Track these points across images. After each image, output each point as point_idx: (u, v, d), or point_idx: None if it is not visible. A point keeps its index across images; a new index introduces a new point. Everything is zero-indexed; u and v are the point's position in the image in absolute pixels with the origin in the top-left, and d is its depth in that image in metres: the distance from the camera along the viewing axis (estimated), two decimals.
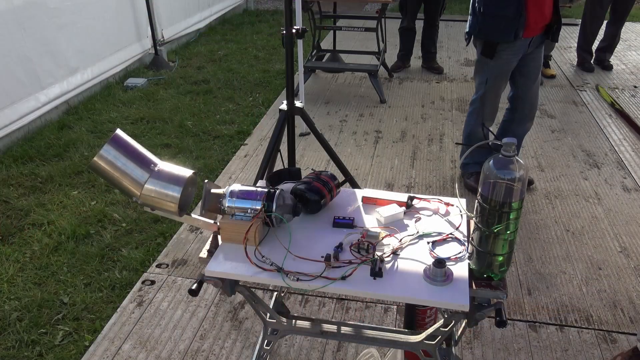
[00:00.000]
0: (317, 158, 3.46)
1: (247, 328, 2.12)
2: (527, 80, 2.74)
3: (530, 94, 2.79)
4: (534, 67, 2.72)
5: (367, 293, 1.26)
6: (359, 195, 1.65)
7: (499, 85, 2.74)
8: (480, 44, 2.67)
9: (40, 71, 3.79)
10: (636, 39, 6.13)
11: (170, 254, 2.56)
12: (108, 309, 2.23)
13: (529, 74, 2.72)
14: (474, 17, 2.61)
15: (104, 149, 1.32)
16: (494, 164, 1.16)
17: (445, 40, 6.07)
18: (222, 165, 3.37)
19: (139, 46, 5.09)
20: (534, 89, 2.78)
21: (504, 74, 2.70)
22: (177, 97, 4.45)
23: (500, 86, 2.75)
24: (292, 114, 2.41)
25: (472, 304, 1.26)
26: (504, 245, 1.23)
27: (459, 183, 3.17)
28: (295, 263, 1.34)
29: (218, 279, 1.36)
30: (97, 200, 2.97)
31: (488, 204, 1.19)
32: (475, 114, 2.89)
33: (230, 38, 6.26)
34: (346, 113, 4.18)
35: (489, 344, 2.04)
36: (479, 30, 2.61)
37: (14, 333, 2.11)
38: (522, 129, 2.92)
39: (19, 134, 3.64)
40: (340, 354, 2.00)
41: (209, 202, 1.46)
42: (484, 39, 2.62)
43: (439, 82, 4.83)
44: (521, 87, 2.77)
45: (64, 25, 4.01)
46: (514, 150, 1.14)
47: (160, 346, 2.04)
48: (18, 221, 2.79)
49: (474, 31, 2.63)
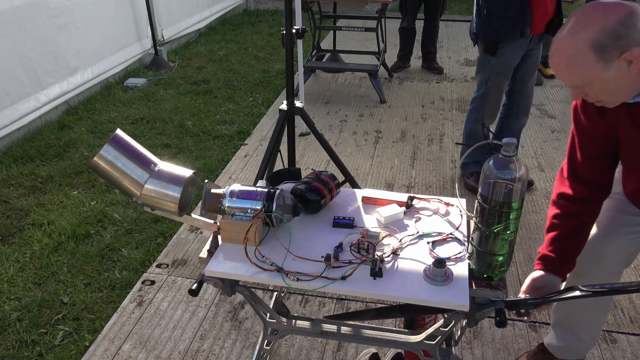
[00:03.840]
0: (317, 158, 3.46)
1: (247, 328, 2.12)
2: (524, 76, 2.77)
3: (526, 89, 2.82)
4: (531, 63, 2.75)
5: (367, 293, 1.26)
6: (359, 195, 1.65)
7: (501, 82, 2.75)
8: (482, 42, 2.69)
9: (40, 71, 3.79)
10: None
11: (170, 254, 2.56)
12: (108, 309, 2.23)
13: (527, 70, 2.75)
14: (480, 19, 2.62)
15: (104, 149, 1.32)
16: (494, 164, 1.16)
17: (445, 40, 6.07)
18: (222, 165, 3.37)
19: (139, 46, 5.09)
20: (530, 84, 2.82)
21: (507, 72, 2.71)
22: (177, 97, 4.45)
23: (502, 84, 2.76)
24: (292, 114, 2.41)
25: (472, 304, 1.26)
26: (504, 245, 1.23)
27: (459, 183, 3.17)
28: (295, 263, 1.34)
29: (218, 279, 1.36)
30: (97, 200, 2.97)
31: (488, 204, 1.19)
32: (475, 112, 2.90)
33: (230, 38, 6.26)
34: (346, 113, 4.18)
35: (489, 344, 2.04)
36: (485, 32, 2.62)
37: (14, 333, 2.11)
38: (519, 125, 2.94)
39: (19, 134, 3.64)
40: (340, 354, 2.00)
41: (209, 202, 1.46)
42: (490, 39, 2.63)
43: (439, 82, 4.83)
44: (518, 82, 2.79)
45: (64, 25, 4.01)
46: (514, 150, 1.15)
47: (160, 346, 2.04)
48: (18, 221, 2.79)
49: (481, 32, 2.65)
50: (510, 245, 1.24)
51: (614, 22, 1.17)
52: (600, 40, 1.19)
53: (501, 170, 1.15)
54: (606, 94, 1.28)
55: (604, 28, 1.18)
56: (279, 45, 5.91)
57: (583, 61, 1.22)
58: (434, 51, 5.09)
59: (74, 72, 4.16)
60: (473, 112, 2.92)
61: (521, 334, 2.08)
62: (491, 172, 1.17)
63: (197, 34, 6.22)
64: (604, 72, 1.22)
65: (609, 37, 1.18)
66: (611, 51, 1.19)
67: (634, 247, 1.56)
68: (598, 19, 1.19)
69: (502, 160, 1.15)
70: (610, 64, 1.20)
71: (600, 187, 1.53)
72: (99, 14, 4.42)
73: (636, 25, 1.17)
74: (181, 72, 5.09)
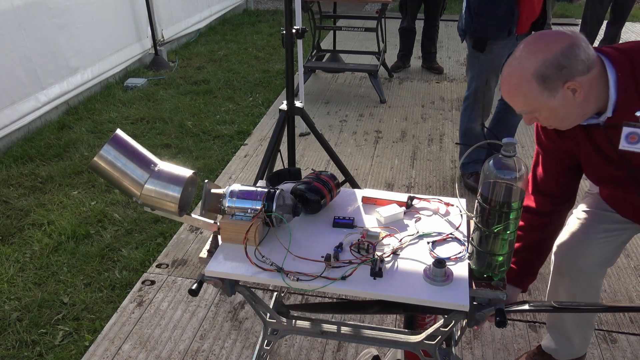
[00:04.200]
0: (317, 158, 3.46)
1: (247, 328, 2.12)
2: None
3: None
4: None
5: (367, 293, 1.26)
6: (359, 195, 1.65)
7: (491, 79, 2.77)
8: (471, 39, 2.71)
9: (40, 71, 3.79)
10: (636, 39, 6.12)
11: (170, 254, 2.56)
12: (108, 309, 2.23)
13: None
14: (469, 16, 2.65)
15: (104, 149, 1.32)
16: (494, 164, 1.16)
17: (445, 40, 6.07)
18: (222, 165, 3.37)
19: (139, 46, 5.09)
20: None
21: (496, 68, 2.73)
22: (177, 97, 4.45)
23: (492, 80, 2.78)
24: (292, 114, 2.41)
25: (472, 304, 1.26)
26: (504, 245, 1.23)
27: (459, 183, 3.17)
28: (295, 263, 1.34)
29: (218, 279, 1.36)
30: (97, 200, 2.97)
31: (488, 204, 1.19)
32: (469, 111, 2.91)
33: (230, 38, 6.26)
34: (346, 113, 4.18)
35: (489, 344, 2.04)
36: (473, 29, 2.65)
37: (14, 333, 2.11)
38: (517, 119, 2.94)
39: (19, 134, 3.64)
40: (340, 354, 2.00)
41: (209, 202, 1.46)
42: (478, 36, 2.65)
43: (439, 82, 4.83)
44: None
45: (64, 25, 4.01)
46: (514, 150, 1.15)
47: (160, 346, 2.04)
48: (18, 221, 2.79)
49: (469, 30, 2.67)
50: (510, 245, 1.24)
51: (555, 53, 1.20)
52: (542, 71, 1.22)
53: (501, 170, 1.15)
54: (555, 121, 1.32)
55: (546, 59, 1.21)
56: (279, 45, 5.91)
57: (528, 90, 1.25)
58: (434, 51, 5.09)
59: (74, 72, 4.16)
60: (467, 110, 2.93)
61: (521, 334, 2.08)
62: (491, 172, 1.17)
63: (197, 34, 6.22)
64: (549, 101, 1.25)
65: (550, 68, 1.21)
66: (554, 81, 1.22)
67: (614, 244, 1.58)
68: (540, 50, 1.22)
69: (502, 160, 1.15)
70: (555, 93, 1.24)
71: (563, 200, 1.58)
72: (99, 14, 4.42)
73: (578, 56, 1.20)
74: (181, 72, 5.09)
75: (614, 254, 1.60)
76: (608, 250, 1.58)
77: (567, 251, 1.60)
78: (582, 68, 1.21)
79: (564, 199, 1.58)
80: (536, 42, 1.24)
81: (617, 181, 1.41)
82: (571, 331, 1.77)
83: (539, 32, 1.27)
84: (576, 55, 1.20)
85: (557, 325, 1.80)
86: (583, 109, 1.27)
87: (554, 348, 1.84)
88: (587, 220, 1.60)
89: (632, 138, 1.26)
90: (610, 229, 1.56)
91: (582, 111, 1.28)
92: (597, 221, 1.58)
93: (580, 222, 1.61)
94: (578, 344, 1.80)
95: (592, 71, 1.23)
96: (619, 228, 1.56)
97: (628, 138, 1.26)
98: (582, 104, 1.25)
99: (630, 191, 1.39)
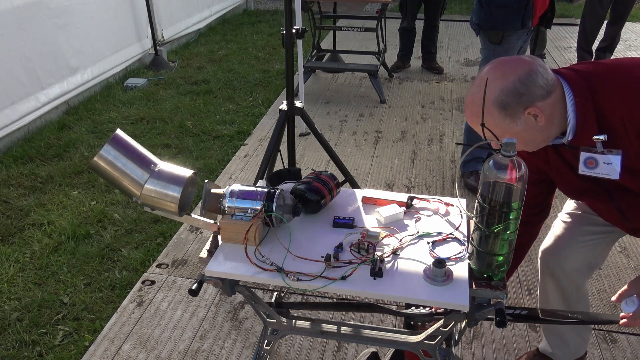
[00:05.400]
0: (317, 158, 3.46)
1: (247, 328, 2.12)
2: None
3: None
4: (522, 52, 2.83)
5: (367, 293, 1.26)
6: (359, 195, 1.65)
7: None
8: (486, 33, 2.72)
9: (40, 71, 3.79)
10: (636, 39, 6.12)
11: (170, 254, 2.56)
12: (108, 309, 2.23)
13: None
14: (481, 9, 2.66)
15: (104, 149, 1.32)
16: (494, 164, 1.16)
17: (445, 40, 6.07)
18: (222, 165, 3.37)
19: (139, 46, 5.09)
20: None
21: None
22: (177, 97, 4.45)
23: None
24: (292, 114, 2.41)
25: (472, 304, 1.26)
26: (504, 245, 1.23)
27: (459, 183, 3.17)
28: (295, 263, 1.34)
29: (218, 279, 1.36)
30: (97, 200, 2.97)
31: (488, 204, 1.19)
32: None
33: (230, 38, 6.26)
34: (346, 113, 4.18)
35: (489, 344, 2.04)
36: (486, 21, 2.67)
37: (14, 333, 2.11)
38: None
39: (19, 134, 3.64)
40: (340, 354, 2.00)
41: (209, 202, 1.46)
42: (491, 29, 2.67)
43: (439, 82, 4.83)
44: None
45: (64, 25, 4.01)
46: (514, 150, 1.14)
47: (160, 346, 2.04)
48: (18, 221, 2.79)
49: (482, 22, 2.70)
50: (510, 245, 1.24)
51: (513, 81, 1.21)
52: (501, 99, 1.23)
53: (501, 170, 1.15)
54: (520, 144, 1.32)
55: (504, 88, 1.22)
56: (279, 45, 5.91)
57: (490, 117, 1.26)
58: (434, 51, 5.09)
59: (74, 72, 4.16)
60: None
61: (521, 334, 2.08)
62: (491, 172, 1.17)
63: (197, 34, 6.22)
64: (512, 126, 1.26)
65: (509, 96, 1.22)
66: (515, 107, 1.23)
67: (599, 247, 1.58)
68: (498, 79, 1.23)
69: (502, 161, 1.15)
70: (517, 119, 1.24)
71: (537, 212, 1.60)
72: (99, 14, 4.43)
73: (536, 82, 1.21)
74: (181, 72, 5.09)
75: (599, 257, 1.60)
76: (593, 254, 1.58)
77: (552, 254, 1.60)
78: (541, 93, 1.21)
79: (538, 209, 1.60)
80: (494, 70, 1.25)
81: (590, 194, 1.42)
82: (566, 333, 1.78)
83: (498, 59, 1.28)
84: (534, 81, 1.21)
85: (552, 328, 1.81)
86: (547, 132, 1.28)
87: (551, 351, 1.85)
88: (572, 223, 1.61)
89: (590, 163, 1.27)
90: (595, 232, 1.57)
91: (545, 134, 1.28)
92: (582, 223, 1.59)
93: (564, 225, 1.62)
94: (575, 345, 1.80)
95: (553, 95, 1.23)
96: (604, 231, 1.56)
97: (586, 163, 1.28)
98: (545, 128, 1.26)
99: (605, 202, 1.40)
